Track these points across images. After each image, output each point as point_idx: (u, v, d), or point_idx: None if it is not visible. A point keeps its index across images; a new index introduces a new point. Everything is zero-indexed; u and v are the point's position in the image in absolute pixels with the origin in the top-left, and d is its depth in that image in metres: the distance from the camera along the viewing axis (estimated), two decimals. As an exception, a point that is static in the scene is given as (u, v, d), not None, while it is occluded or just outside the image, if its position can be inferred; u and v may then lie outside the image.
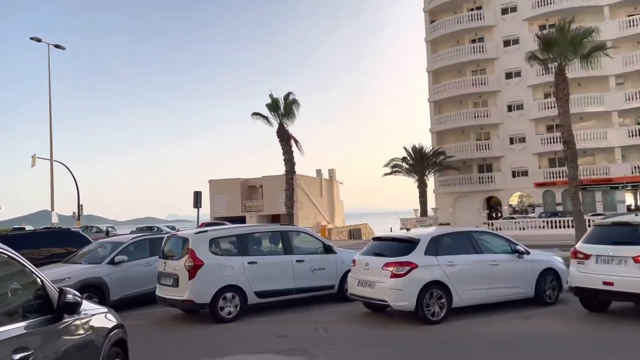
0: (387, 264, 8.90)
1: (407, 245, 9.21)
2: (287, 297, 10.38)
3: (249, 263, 9.87)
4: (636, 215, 9.69)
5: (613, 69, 38.07)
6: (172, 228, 34.35)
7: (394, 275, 8.72)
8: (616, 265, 8.33)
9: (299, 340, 8.05)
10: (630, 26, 38.34)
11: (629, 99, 38.20)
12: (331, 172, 58.63)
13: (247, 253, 10.04)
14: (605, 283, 8.37)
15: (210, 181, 52.57)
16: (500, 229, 32.88)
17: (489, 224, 34.27)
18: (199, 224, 24.70)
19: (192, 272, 9.37)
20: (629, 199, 39.33)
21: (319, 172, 56.30)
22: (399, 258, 8.89)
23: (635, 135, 38.07)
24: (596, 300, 9.16)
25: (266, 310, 10.27)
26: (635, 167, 38.01)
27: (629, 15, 39.05)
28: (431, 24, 45.68)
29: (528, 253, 10.00)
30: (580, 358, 6.76)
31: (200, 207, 21.97)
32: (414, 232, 9.90)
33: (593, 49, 22.52)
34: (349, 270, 10.06)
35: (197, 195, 21.67)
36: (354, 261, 9.80)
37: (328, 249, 11.10)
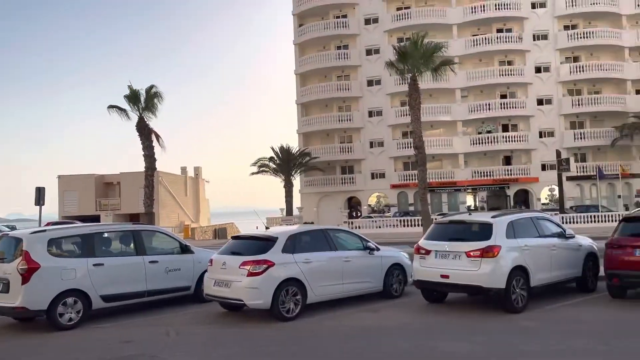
0: (244, 263, 8.83)
1: (265, 243, 9.23)
2: (139, 300, 9.82)
3: (94, 265, 9.14)
4: (469, 214, 10.81)
5: (459, 82, 42.23)
6: (12, 228, 30.75)
7: (250, 274, 8.68)
8: (452, 260, 9.17)
9: (146, 345, 7.64)
10: (474, 45, 42.82)
11: (471, 111, 42.64)
12: (197, 169, 56.97)
13: (93, 254, 9.30)
14: (442, 276, 9.17)
15: (59, 177, 47.99)
16: (360, 227, 34.65)
17: (349, 223, 35.90)
18: (45, 223, 22.41)
19: (26, 275, 8.43)
20: (470, 200, 43.96)
21: (184, 169, 54.37)
22: (256, 256, 8.88)
23: (476, 144, 42.62)
24: (435, 292, 10.01)
25: (114, 315, 9.59)
26: (475, 172, 42.53)
27: (473, 35, 43.60)
28: (299, 27, 46.62)
29: (378, 249, 10.61)
30: (419, 344, 7.30)
31: (43, 204, 19.86)
32: (273, 231, 9.98)
33: (441, 63, 24.75)
34: (206, 270, 9.80)
35: (40, 192, 19.57)
36: (211, 260, 9.58)
37: (185, 249, 10.72)
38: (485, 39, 42.57)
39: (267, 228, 10.33)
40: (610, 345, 6.84)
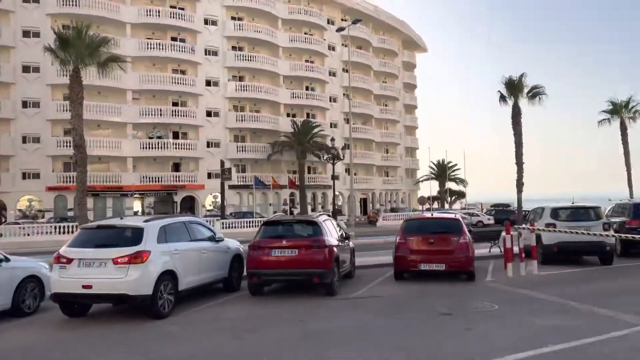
0: None
1: None
2: None
3: None
4: (121, 218, 10.24)
5: (131, 84, 40.95)
6: None
7: None
8: (97, 268, 8.41)
9: None
10: (148, 48, 42.19)
11: (143, 114, 41.82)
12: None
13: None
14: (84, 286, 8.31)
15: None
16: (2, 236, 29.67)
17: (-13, 231, 30.19)
18: None
19: None
20: (137, 205, 42.85)
21: None
22: None
23: (146, 148, 41.94)
24: (76, 305, 9.03)
25: None
26: (143, 177, 41.75)
27: (148, 38, 42.95)
28: None
29: (8, 260, 8.98)
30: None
31: None
32: None
33: (109, 58, 23.32)
34: None
35: None
36: None
37: None
38: (160, 44, 42.58)
39: None
40: (243, 339, 7.36)
